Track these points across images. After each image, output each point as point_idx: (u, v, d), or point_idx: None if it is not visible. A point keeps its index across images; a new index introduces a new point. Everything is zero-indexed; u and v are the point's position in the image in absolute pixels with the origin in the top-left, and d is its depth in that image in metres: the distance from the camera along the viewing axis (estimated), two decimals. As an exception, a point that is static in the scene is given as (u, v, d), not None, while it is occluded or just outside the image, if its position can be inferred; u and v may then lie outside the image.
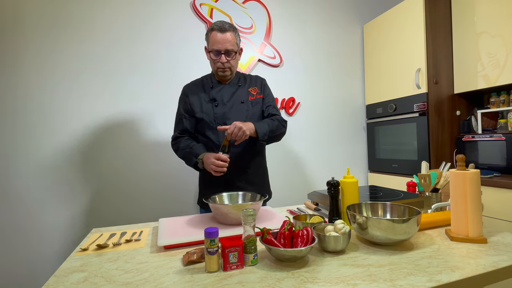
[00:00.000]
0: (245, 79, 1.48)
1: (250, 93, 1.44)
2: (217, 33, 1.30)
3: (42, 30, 1.79)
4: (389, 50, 2.35)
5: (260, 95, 1.46)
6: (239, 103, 1.39)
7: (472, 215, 0.85)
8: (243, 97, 1.41)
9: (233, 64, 1.37)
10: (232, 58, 1.34)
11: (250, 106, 1.41)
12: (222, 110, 1.36)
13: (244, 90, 1.43)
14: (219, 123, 1.35)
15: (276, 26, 2.35)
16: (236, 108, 1.38)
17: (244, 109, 1.39)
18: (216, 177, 1.29)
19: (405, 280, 0.64)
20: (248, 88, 1.44)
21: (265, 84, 1.51)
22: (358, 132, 2.64)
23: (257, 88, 1.46)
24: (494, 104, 2.01)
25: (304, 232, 0.78)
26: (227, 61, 1.33)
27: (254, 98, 1.43)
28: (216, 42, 1.30)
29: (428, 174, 1.21)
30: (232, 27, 1.33)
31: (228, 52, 1.32)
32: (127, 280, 0.69)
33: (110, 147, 1.92)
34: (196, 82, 1.47)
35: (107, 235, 1.05)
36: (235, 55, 1.36)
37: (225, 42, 1.30)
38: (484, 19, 1.92)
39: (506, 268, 0.69)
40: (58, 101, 1.83)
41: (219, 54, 1.32)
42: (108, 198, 1.91)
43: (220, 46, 1.30)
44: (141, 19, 1.99)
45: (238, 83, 1.44)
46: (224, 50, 1.31)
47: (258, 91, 1.46)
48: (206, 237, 0.71)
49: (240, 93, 1.41)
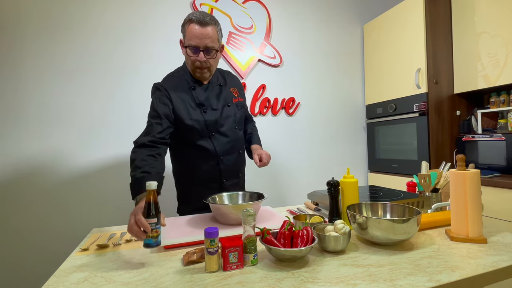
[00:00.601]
0: (224, 77, 1.35)
1: (233, 94, 1.32)
2: (196, 26, 1.12)
3: (42, 30, 1.79)
4: (389, 50, 2.35)
5: (241, 98, 1.36)
6: (226, 106, 1.28)
7: (472, 215, 0.85)
8: (228, 100, 1.30)
9: (212, 63, 1.21)
10: (211, 57, 1.18)
11: (236, 109, 1.31)
12: (213, 116, 1.23)
13: (226, 90, 1.32)
14: (212, 131, 1.23)
15: (276, 26, 2.35)
16: (225, 113, 1.27)
17: (232, 113, 1.29)
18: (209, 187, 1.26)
19: (405, 280, 0.64)
20: (229, 88, 1.33)
21: (241, 85, 1.42)
22: (358, 132, 2.64)
23: (237, 90, 1.36)
24: (494, 104, 2.01)
25: (304, 232, 0.78)
26: (205, 60, 1.17)
27: (237, 100, 1.33)
28: (194, 36, 1.12)
29: (428, 174, 1.21)
30: (214, 20, 1.16)
31: (208, 50, 1.15)
32: (127, 280, 0.69)
33: (110, 147, 1.92)
34: (173, 81, 1.24)
35: (107, 235, 1.05)
36: (215, 54, 1.19)
37: (204, 38, 1.12)
38: (484, 19, 1.92)
39: (506, 268, 0.69)
40: (58, 102, 1.82)
41: (197, 51, 1.15)
42: (108, 198, 1.91)
43: (199, 42, 1.13)
44: (141, 19, 1.99)
45: (219, 83, 1.31)
46: (203, 47, 1.14)
47: (238, 93, 1.36)
48: (206, 237, 0.71)
49: (225, 95, 1.30)
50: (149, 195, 0.78)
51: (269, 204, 2.24)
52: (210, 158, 1.25)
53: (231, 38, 2.21)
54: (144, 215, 0.76)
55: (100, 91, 1.91)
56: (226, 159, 1.27)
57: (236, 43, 2.22)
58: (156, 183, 0.78)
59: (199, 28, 1.12)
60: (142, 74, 1.99)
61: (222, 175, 1.28)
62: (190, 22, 1.13)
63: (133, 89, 1.97)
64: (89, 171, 1.88)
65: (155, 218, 0.76)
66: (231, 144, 1.28)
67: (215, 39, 1.16)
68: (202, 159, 1.25)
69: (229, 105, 1.29)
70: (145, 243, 0.76)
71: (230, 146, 1.28)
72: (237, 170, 1.34)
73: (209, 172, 1.26)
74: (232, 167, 1.30)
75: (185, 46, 1.17)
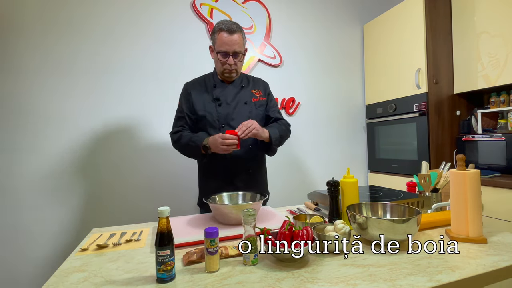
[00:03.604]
0: (248, 80, 1.48)
1: (254, 94, 1.43)
2: (225, 34, 1.28)
3: (43, 30, 1.79)
4: (389, 50, 2.35)
5: (264, 97, 1.46)
6: (242, 104, 1.39)
7: (472, 215, 0.85)
8: (247, 98, 1.41)
9: (239, 65, 1.37)
10: (239, 60, 1.35)
11: (254, 107, 1.41)
12: (226, 110, 1.36)
13: (248, 91, 1.43)
14: (222, 123, 1.35)
15: (276, 26, 2.35)
16: (239, 108, 1.38)
17: (247, 110, 1.39)
18: (216, 176, 1.33)
19: (405, 280, 0.64)
20: (251, 89, 1.44)
21: (268, 89, 1.52)
22: (358, 132, 2.64)
23: (261, 91, 1.46)
24: (494, 104, 2.01)
25: (304, 232, 0.78)
26: (234, 63, 1.33)
27: (257, 100, 1.43)
28: (224, 43, 1.29)
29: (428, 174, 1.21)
30: (240, 28, 1.33)
31: (235, 54, 1.32)
32: (127, 280, 0.69)
33: (110, 147, 1.92)
34: (198, 80, 1.46)
35: (107, 235, 1.05)
36: (242, 57, 1.36)
37: (233, 44, 1.29)
38: (484, 19, 1.92)
39: (506, 268, 0.69)
40: (58, 102, 1.82)
41: (227, 56, 1.31)
42: (108, 198, 1.91)
43: (228, 48, 1.29)
44: (141, 19, 1.99)
45: (241, 84, 1.43)
46: (232, 52, 1.30)
47: (261, 93, 1.46)
48: (206, 237, 0.71)
49: (244, 94, 1.41)
50: (161, 224, 0.69)
51: (269, 204, 2.24)
52: None
53: (231, 38, 2.20)
54: (156, 245, 0.68)
55: (101, 91, 1.90)
56: (234, 151, 1.31)
57: (236, 43, 2.22)
58: (168, 210, 0.70)
59: (228, 36, 1.29)
60: (142, 74, 1.99)
61: (229, 166, 1.35)
62: (220, 31, 1.30)
63: (134, 89, 1.97)
64: (89, 171, 1.88)
65: (169, 249, 0.67)
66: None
67: (241, 44, 1.33)
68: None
69: (246, 103, 1.40)
70: (158, 277, 0.67)
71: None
72: (246, 165, 1.38)
73: (218, 162, 1.35)
74: (239, 159, 1.35)
75: (216, 52, 1.33)
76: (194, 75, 2.11)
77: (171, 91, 2.04)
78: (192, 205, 2.07)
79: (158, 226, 0.69)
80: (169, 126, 2.02)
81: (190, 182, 2.06)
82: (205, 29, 2.14)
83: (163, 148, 2.02)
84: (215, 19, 2.15)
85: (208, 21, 2.13)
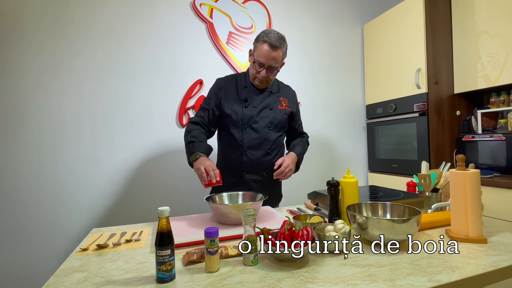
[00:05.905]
0: (278, 87, 1.50)
1: (280, 102, 1.45)
2: (267, 47, 1.28)
3: (43, 30, 1.79)
4: (389, 50, 2.35)
5: (289, 108, 1.48)
6: (268, 109, 1.42)
7: (472, 215, 0.85)
8: (272, 104, 1.43)
9: (271, 78, 1.38)
10: (272, 74, 1.36)
11: (278, 114, 1.43)
12: (251, 112, 1.39)
13: (275, 97, 1.45)
14: (245, 124, 1.38)
15: (276, 26, 2.35)
16: (264, 113, 1.40)
17: (271, 115, 1.41)
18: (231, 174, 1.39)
19: (405, 280, 0.64)
20: (279, 96, 1.46)
21: (296, 100, 1.54)
22: (358, 132, 2.64)
23: (288, 101, 1.48)
24: (494, 104, 2.01)
25: (304, 232, 0.78)
26: (267, 75, 1.34)
27: (283, 108, 1.45)
28: (262, 55, 1.29)
29: (428, 174, 1.21)
30: (283, 44, 1.31)
31: (271, 68, 1.33)
32: (127, 280, 0.69)
33: (110, 147, 1.92)
34: (230, 78, 1.48)
35: (107, 235, 1.05)
36: (276, 72, 1.37)
37: (271, 60, 1.29)
38: (484, 19, 1.92)
39: (506, 268, 0.69)
40: (58, 102, 1.82)
41: (262, 67, 1.32)
42: (108, 198, 1.91)
43: (265, 61, 1.30)
44: (141, 19, 1.99)
45: (271, 89, 1.46)
46: (268, 66, 1.31)
47: (287, 104, 1.48)
48: (206, 237, 0.71)
49: (271, 100, 1.43)
50: (161, 223, 0.68)
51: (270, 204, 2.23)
52: (237, 148, 1.39)
53: (231, 38, 2.20)
54: (156, 245, 0.67)
55: (101, 91, 1.90)
56: (251, 153, 1.38)
57: (236, 43, 2.22)
58: (168, 210, 0.70)
59: (269, 50, 1.28)
60: (142, 74, 1.99)
61: (244, 166, 1.39)
62: (264, 43, 1.29)
63: (134, 89, 1.97)
64: (90, 171, 1.88)
65: (168, 249, 0.67)
66: (259, 140, 1.39)
67: (279, 61, 1.33)
68: (231, 147, 1.41)
69: (271, 109, 1.42)
70: (158, 277, 0.67)
71: (258, 142, 1.39)
72: (260, 166, 1.41)
73: (234, 160, 1.40)
74: (255, 162, 1.39)
75: (254, 60, 1.34)
76: (194, 75, 2.12)
77: (171, 91, 2.04)
78: (192, 205, 2.07)
79: (158, 226, 0.69)
80: (169, 126, 2.03)
81: (190, 182, 2.06)
82: (205, 29, 2.14)
83: (163, 148, 2.02)
84: (215, 19, 2.15)
85: (208, 21, 2.13)
